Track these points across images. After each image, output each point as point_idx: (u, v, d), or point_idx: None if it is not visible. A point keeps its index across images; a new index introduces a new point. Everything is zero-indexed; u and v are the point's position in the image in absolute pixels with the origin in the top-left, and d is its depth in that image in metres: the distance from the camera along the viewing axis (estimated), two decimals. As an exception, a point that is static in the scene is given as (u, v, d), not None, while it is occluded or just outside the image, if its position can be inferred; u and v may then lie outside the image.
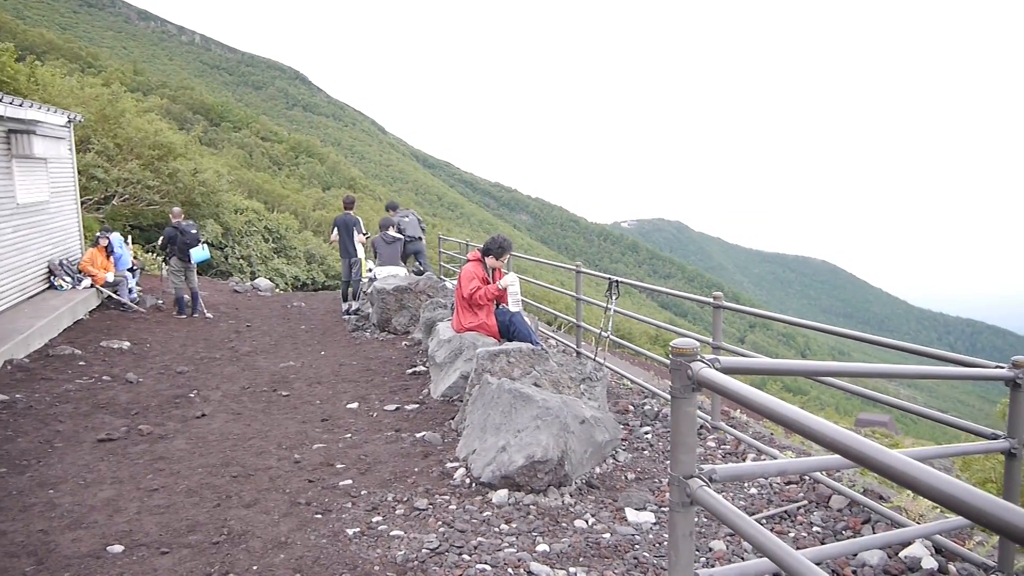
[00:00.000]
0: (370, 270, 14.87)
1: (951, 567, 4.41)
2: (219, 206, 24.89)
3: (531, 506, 5.27)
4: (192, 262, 14.23)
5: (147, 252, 20.60)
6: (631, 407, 8.01)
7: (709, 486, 2.42)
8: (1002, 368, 3.96)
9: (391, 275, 13.70)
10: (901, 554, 4.54)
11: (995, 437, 4.07)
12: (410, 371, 9.68)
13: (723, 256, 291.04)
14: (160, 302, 15.24)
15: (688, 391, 2.38)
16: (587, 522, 5.08)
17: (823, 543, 4.67)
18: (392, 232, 14.59)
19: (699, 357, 2.37)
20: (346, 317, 14.27)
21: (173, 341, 11.87)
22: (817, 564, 4.18)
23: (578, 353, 9.83)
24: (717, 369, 2.38)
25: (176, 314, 14.30)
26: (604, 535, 4.84)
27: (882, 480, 7.15)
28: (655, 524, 5.03)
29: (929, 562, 4.43)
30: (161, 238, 15.00)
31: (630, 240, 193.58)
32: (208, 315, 14.41)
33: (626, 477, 6.07)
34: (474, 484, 5.58)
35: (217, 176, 25.29)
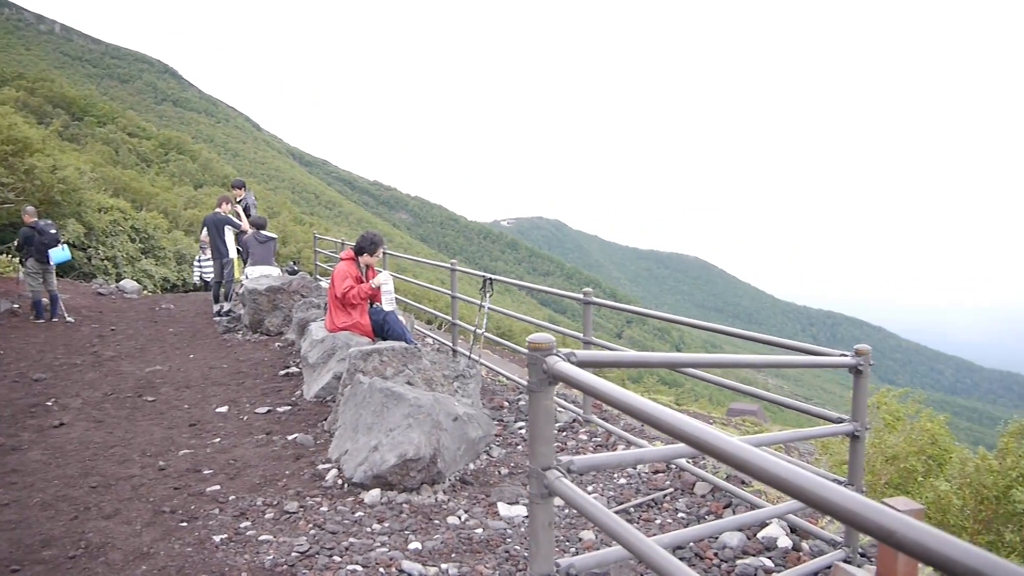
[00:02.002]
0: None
1: (804, 545, 4.66)
2: (81, 205, 23.62)
3: (404, 505, 5.26)
4: (51, 263, 13.51)
5: (1, 254, 19.41)
6: (506, 403, 8.10)
7: (567, 477, 2.48)
8: (846, 356, 4.20)
9: (264, 275, 13.37)
10: (759, 535, 4.77)
11: (841, 421, 4.33)
12: (283, 373, 9.49)
13: (600, 254, 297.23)
14: (16, 306, 14.38)
15: (544, 384, 2.43)
16: (460, 518, 5.12)
17: (686, 528, 4.85)
18: (266, 232, 14.24)
19: (554, 351, 2.43)
20: (217, 319, 13.83)
21: (30, 347, 11.23)
22: (679, 548, 4.36)
23: (454, 351, 9.85)
24: (573, 363, 2.44)
25: (33, 318, 13.54)
26: (477, 530, 4.88)
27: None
28: (527, 517, 5.10)
29: (784, 541, 4.67)
30: (17, 239, 14.16)
31: (509, 238, 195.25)
32: (69, 319, 13.69)
33: (500, 472, 6.14)
34: (346, 485, 5.53)
35: (79, 173, 23.99)
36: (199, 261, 19.83)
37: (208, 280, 17.92)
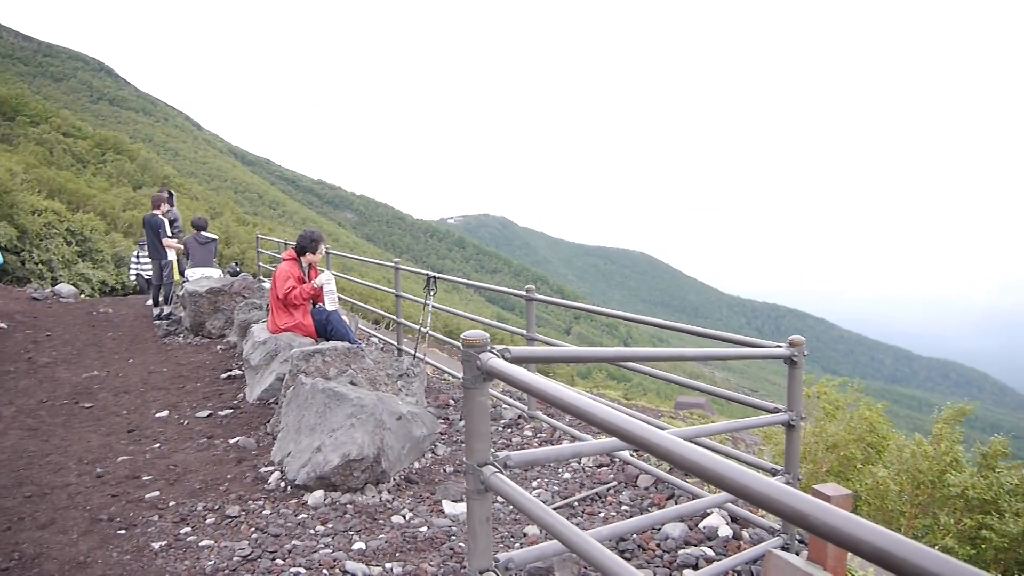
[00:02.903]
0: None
1: (744, 533, 4.74)
2: (13, 207, 23.00)
3: (348, 505, 5.23)
4: (-20, 268, 13.13)
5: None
6: (451, 401, 8.10)
7: (503, 472, 2.50)
8: (780, 347, 4.29)
9: (204, 276, 13.15)
10: (700, 525, 4.84)
11: (777, 411, 4.42)
12: (225, 375, 9.34)
13: (548, 250, 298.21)
14: (-57, 313, 13.94)
15: (479, 381, 2.44)
16: (405, 517, 5.10)
17: (624, 521, 4.91)
18: (206, 232, 14.01)
19: (488, 348, 2.44)
20: (157, 322, 13.56)
21: (-42, 355, 10.90)
22: (622, 540, 4.40)
23: (399, 350, 9.81)
24: (507, 359, 2.45)
25: (-37, 326, 13.14)
26: (421, 528, 4.88)
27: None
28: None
29: (725, 530, 4.75)
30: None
31: (456, 236, 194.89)
32: (1, 325, 13.31)
33: (445, 470, 6.14)
34: (289, 487, 5.47)
35: (10, 175, 23.37)
36: (136, 257, 19.28)
37: (148, 278, 17.49)
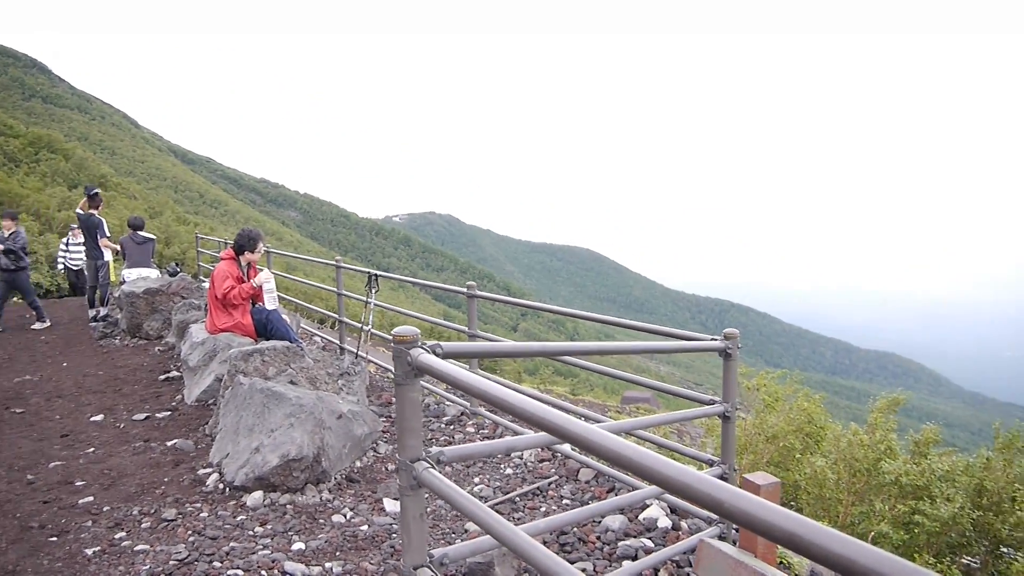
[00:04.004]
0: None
1: (683, 524, 4.81)
2: (-60, 208, 22.27)
3: (288, 505, 5.17)
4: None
5: None
6: (394, 399, 8.06)
7: (435, 468, 2.50)
8: (716, 340, 4.35)
9: (141, 277, 12.89)
10: (640, 516, 4.91)
11: (713, 403, 4.49)
12: (163, 377, 9.17)
13: (494, 248, 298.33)
14: None
15: (410, 377, 2.44)
16: (345, 516, 5.07)
17: (560, 514, 4.95)
18: (143, 232, 13.72)
19: (419, 344, 2.44)
20: (93, 324, 13.26)
21: None
22: (563, 534, 4.43)
23: (341, 348, 9.74)
24: (438, 355, 2.45)
25: None
26: (362, 527, 4.85)
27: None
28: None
29: (664, 521, 4.82)
30: None
31: (402, 234, 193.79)
32: (-73, 330, 12.90)
33: (387, 468, 6.11)
34: (228, 489, 5.40)
35: (-64, 174, 22.61)
36: (65, 245, 17.98)
37: (76, 268, 16.88)
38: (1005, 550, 10.21)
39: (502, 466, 6.04)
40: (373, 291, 8.56)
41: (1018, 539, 9.79)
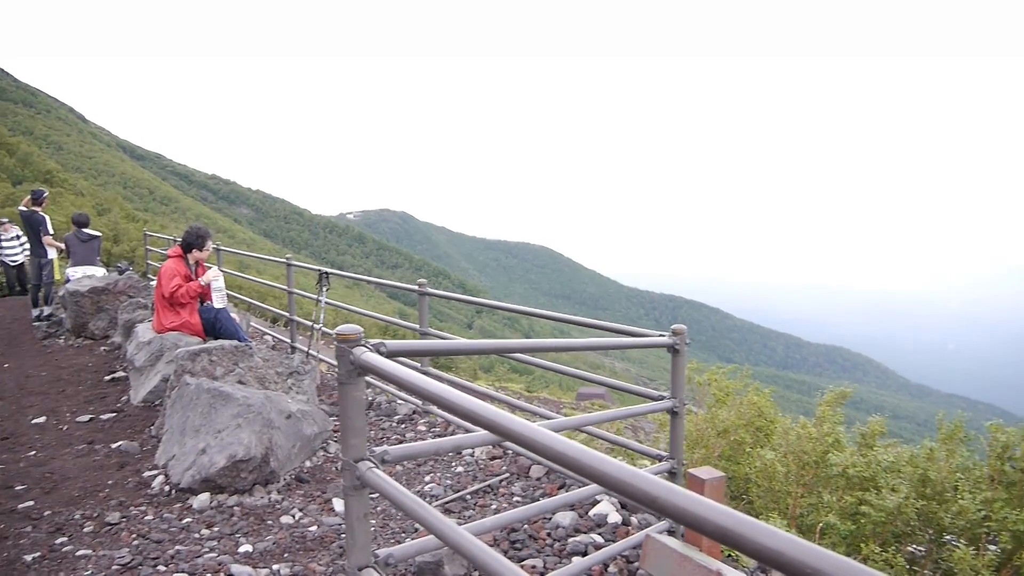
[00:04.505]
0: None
1: (633, 519, 4.84)
2: None
3: (235, 507, 5.11)
4: None
5: None
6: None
7: (379, 468, 2.48)
8: (664, 336, 4.39)
9: (87, 275, 12.61)
10: (590, 512, 4.92)
11: (661, 398, 4.52)
12: (108, 378, 8.99)
13: (449, 245, 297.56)
14: None
15: (353, 376, 2.42)
16: (294, 517, 5.02)
17: (504, 512, 4.97)
18: (88, 230, 13.42)
19: (362, 343, 2.42)
20: (36, 324, 12.94)
21: None
22: (513, 531, 4.43)
23: (293, 347, 9.64)
24: (382, 353, 2.43)
25: None
26: (311, 528, 4.81)
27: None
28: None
29: (614, 517, 4.84)
30: None
31: (356, 231, 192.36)
32: None
33: (337, 468, 6.06)
34: (174, 491, 5.31)
35: None
36: None
37: (13, 264, 16.32)
38: (948, 538, 10.46)
39: (453, 464, 6.03)
40: (324, 289, 8.49)
41: (959, 527, 10.02)
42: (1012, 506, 9.93)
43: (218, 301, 8.10)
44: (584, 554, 4.34)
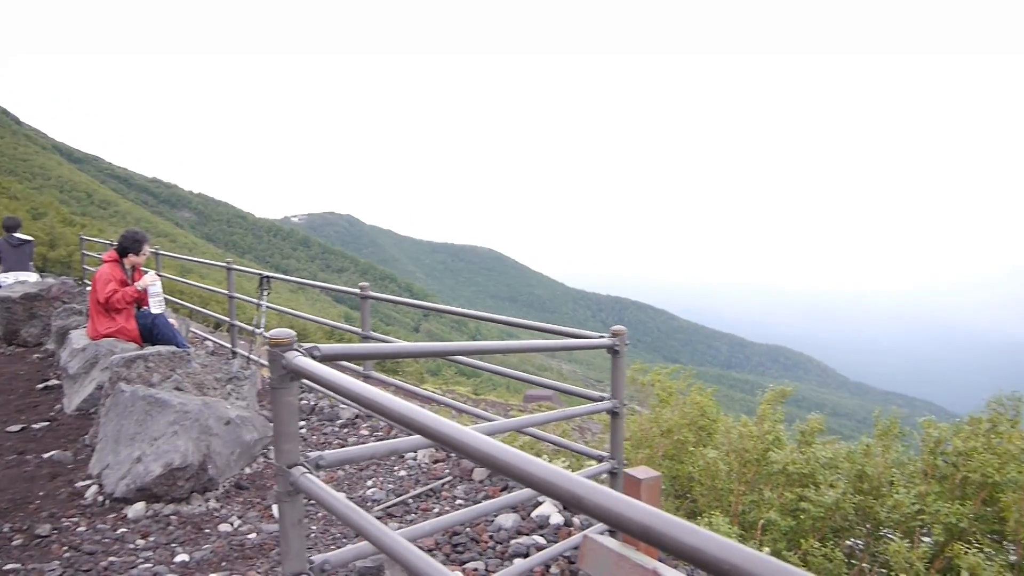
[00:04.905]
0: None
1: (575, 520, 4.87)
2: None
3: (172, 516, 5.01)
4: None
5: None
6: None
7: (313, 473, 2.45)
8: (604, 337, 4.41)
9: (19, 281, 12.26)
10: (533, 514, 4.94)
11: (601, 399, 4.55)
12: (41, 386, 8.73)
13: (395, 248, 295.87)
14: None
15: (286, 381, 2.39)
16: (233, 525, 4.94)
17: (439, 518, 4.96)
18: (19, 234, 13.06)
19: (295, 347, 2.39)
20: (-35, 332, 12.54)
21: None
22: (455, 534, 4.42)
23: (234, 352, 9.50)
24: (316, 357, 2.41)
25: None
26: (250, 535, 4.74)
27: (524, 449, 7.71)
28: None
29: (556, 518, 4.86)
30: None
31: (301, 235, 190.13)
32: None
33: (278, 474, 5.99)
34: (108, 501, 5.18)
35: None
36: None
37: None
38: (885, 531, 10.72)
39: (396, 468, 6.00)
40: (265, 293, 8.38)
41: (895, 520, 10.28)
42: (944, 499, 10.22)
43: (155, 306, 7.92)
44: (526, 555, 4.35)
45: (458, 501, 5.27)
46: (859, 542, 11.13)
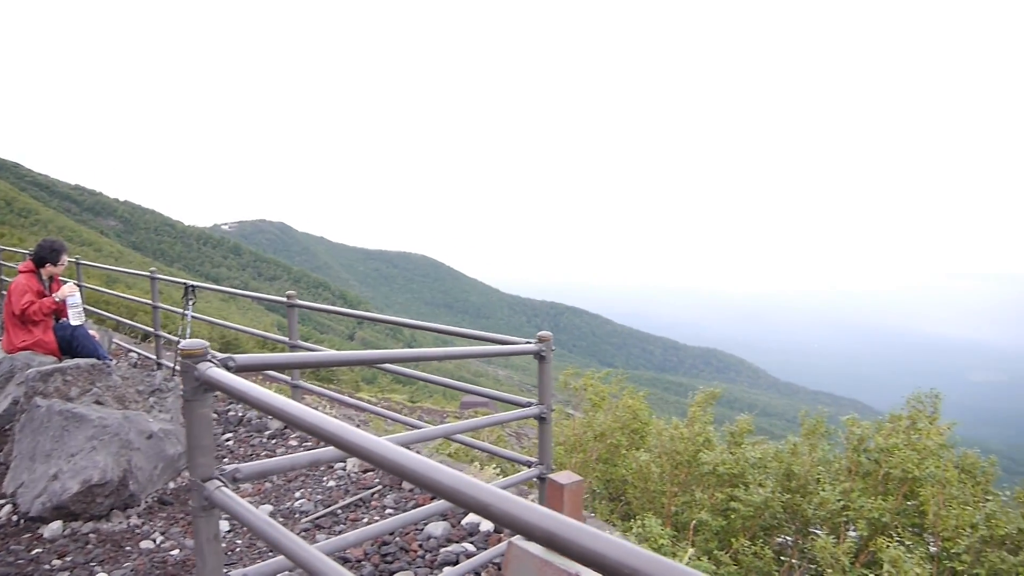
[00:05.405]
0: None
1: (505, 526, 4.87)
2: None
3: (91, 534, 4.86)
4: None
5: None
6: (214, 415, 7.75)
7: (228, 487, 2.41)
8: (530, 343, 4.43)
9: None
10: (463, 522, 4.92)
11: (529, 405, 4.56)
12: (-47, 403, 8.42)
13: (328, 255, 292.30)
14: None
15: (199, 392, 2.34)
16: (155, 541, 4.82)
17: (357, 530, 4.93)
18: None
19: (208, 358, 2.34)
20: None
21: None
22: (384, 544, 4.38)
23: (159, 364, 9.28)
24: (231, 368, 2.37)
25: None
26: (173, 552, 4.62)
27: (455, 455, 7.70)
28: (229, 531, 4.91)
29: (486, 525, 4.86)
30: None
31: (232, 243, 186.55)
32: None
33: (203, 488, 5.86)
34: (23, 520, 5.01)
35: None
36: None
37: None
38: (813, 528, 10.98)
39: (325, 479, 5.92)
40: (190, 303, 8.20)
41: (821, 517, 10.54)
42: (868, 495, 10.52)
43: (75, 318, 7.68)
44: (456, 563, 4.34)
45: (388, 511, 5.23)
46: (788, 539, 11.38)
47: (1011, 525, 8.63)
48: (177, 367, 8.50)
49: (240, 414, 7.60)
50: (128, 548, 4.71)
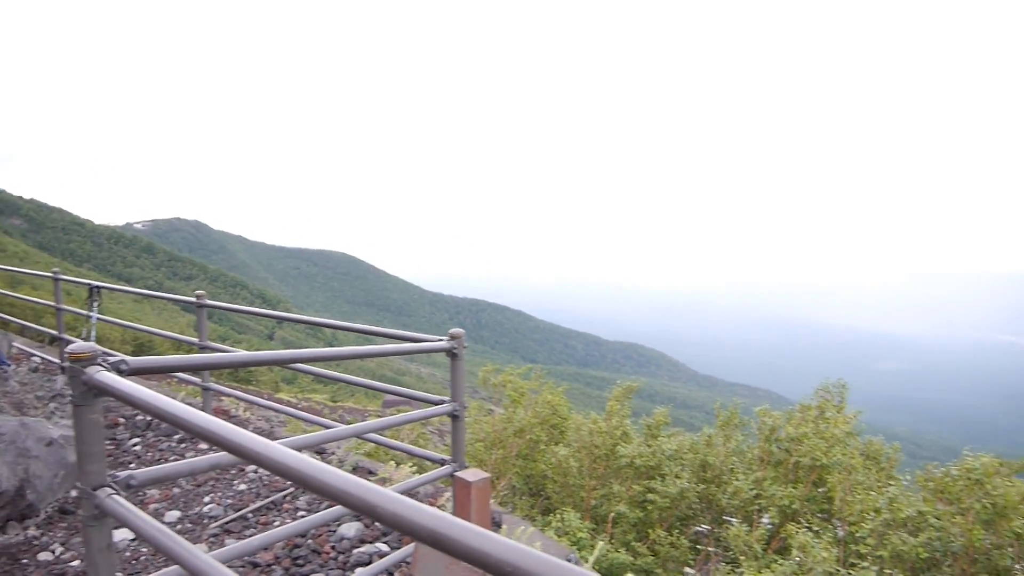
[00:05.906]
0: None
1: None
2: None
3: (-15, 548, 4.66)
4: None
5: None
6: (122, 419, 7.49)
7: (121, 495, 2.33)
8: (442, 340, 4.41)
9: None
10: (376, 522, 4.88)
11: (442, 403, 4.54)
12: None
13: (246, 254, 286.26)
14: None
15: (89, 397, 2.26)
16: (54, 553, 4.64)
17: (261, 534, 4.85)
18: None
19: (99, 361, 2.26)
20: None
21: None
22: (296, 547, 4.31)
23: (62, 369, 8.94)
24: (124, 372, 2.29)
25: None
26: (73, 563, 4.47)
27: (373, 455, 7.64)
28: (133, 540, 4.76)
29: (402, 525, 4.82)
30: None
31: (145, 242, 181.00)
32: None
33: (107, 495, 5.67)
34: (-89, 535, 4.77)
35: None
36: None
37: None
38: (727, 518, 11.26)
39: (236, 482, 5.80)
40: (95, 304, 7.92)
41: (735, 506, 10.81)
42: (779, 483, 10.84)
43: (-31, 322, 7.36)
44: (368, 564, 4.30)
45: (300, 513, 5.15)
46: (704, 528, 11.65)
47: (911, 508, 8.99)
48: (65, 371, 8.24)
49: (149, 419, 7.38)
50: (25, 561, 4.52)
